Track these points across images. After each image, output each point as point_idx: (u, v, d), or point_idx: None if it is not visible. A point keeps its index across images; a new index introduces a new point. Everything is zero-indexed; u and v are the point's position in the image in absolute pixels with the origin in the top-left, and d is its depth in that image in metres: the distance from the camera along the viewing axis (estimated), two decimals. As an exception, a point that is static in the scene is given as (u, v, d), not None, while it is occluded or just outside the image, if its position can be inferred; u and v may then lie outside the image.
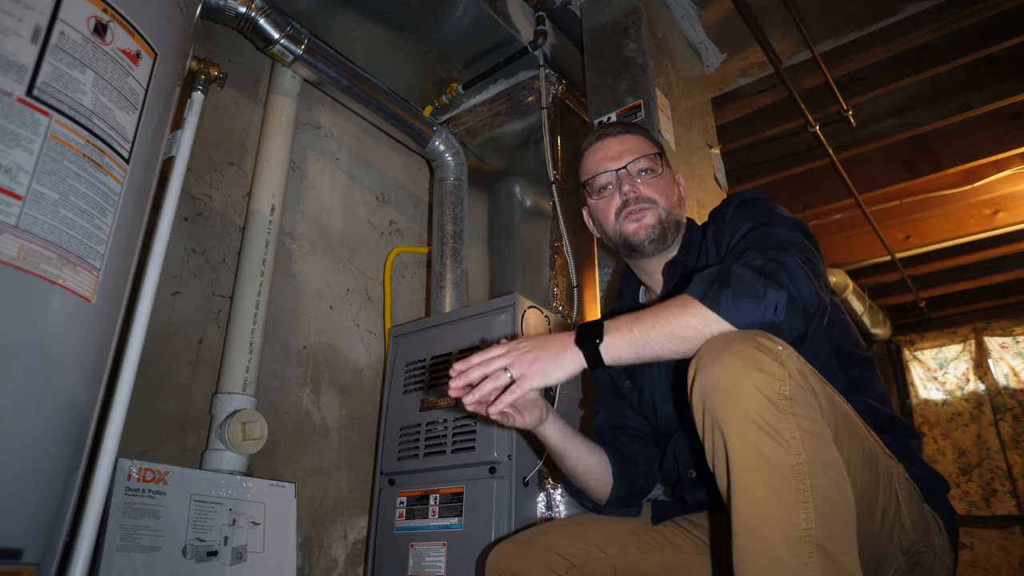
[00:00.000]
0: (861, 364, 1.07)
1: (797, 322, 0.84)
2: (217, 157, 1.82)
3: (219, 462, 1.53)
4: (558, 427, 1.09)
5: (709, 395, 0.77)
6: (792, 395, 0.74)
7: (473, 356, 0.94)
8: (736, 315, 0.83)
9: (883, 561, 0.89)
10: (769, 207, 1.06)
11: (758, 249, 0.93)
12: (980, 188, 3.47)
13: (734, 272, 0.86)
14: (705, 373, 0.78)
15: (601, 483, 1.13)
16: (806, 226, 1.02)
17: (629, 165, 1.18)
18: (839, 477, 0.74)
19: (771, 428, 0.72)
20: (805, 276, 0.85)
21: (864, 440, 0.87)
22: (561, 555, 1.07)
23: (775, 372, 0.75)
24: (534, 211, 2.49)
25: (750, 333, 0.80)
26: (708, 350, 0.80)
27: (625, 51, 2.02)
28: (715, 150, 2.23)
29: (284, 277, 1.92)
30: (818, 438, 0.74)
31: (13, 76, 0.83)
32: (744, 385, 0.74)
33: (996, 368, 4.90)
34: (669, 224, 1.17)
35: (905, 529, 0.89)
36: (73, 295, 0.87)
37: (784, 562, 0.69)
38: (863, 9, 2.23)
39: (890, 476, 0.90)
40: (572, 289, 1.92)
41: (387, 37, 2.03)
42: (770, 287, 0.84)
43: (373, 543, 1.65)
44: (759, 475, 0.72)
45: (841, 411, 0.84)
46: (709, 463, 0.79)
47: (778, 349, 0.77)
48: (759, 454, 0.72)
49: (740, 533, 0.73)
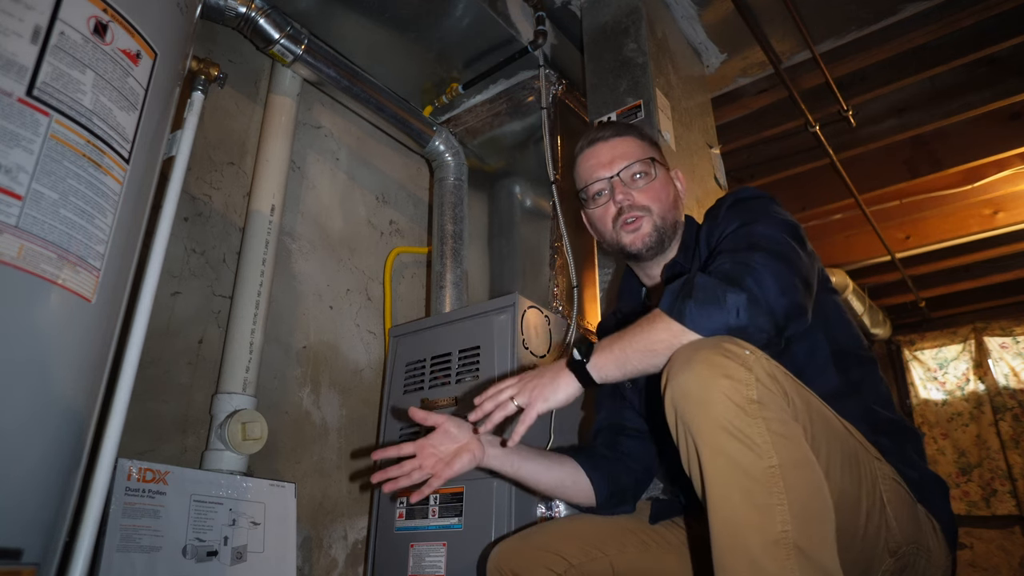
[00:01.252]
0: (862, 365, 1.06)
1: (762, 323, 0.84)
2: (217, 157, 1.82)
3: (219, 462, 1.53)
4: (504, 458, 1.09)
5: (680, 403, 0.78)
6: (760, 399, 0.75)
7: (487, 390, 1.01)
8: (702, 324, 0.85)
9: (870, 563, 0.89)
10: (761, 205, 1.06)
11: (730, 251, 0.94)
12: (980, 188, 3.48)
13: (696, 282, 0.88)
14: (675, 382, 0.79)
15: (579, 492, 1.14)
16: (795, 224, 1.02)
17: (622, 172, 1.17)
18: (814, 477, 0.74)
19: (741, 433, 0.73)
20: (771, 275, 0.86)
21: (844, 441, 0.86)
22: (560, 554, 1.07)
23: (741, 377, 0.75)
24: (534, 211, 2.49)
25: (716, 340, 0.82)
26: (677, 359, 0.81)
27: (625, 51, 2.02)
28: (715, 150, 2.23)
29: (284, 277, 1.92)
30: (790, 439, 0.74)
31: (13, 76, 0.83)
32: (712, 392, 0.75)
33: (996, 368, 4.91)
34: (665, 229, 1.17)
35: (892, 531, 0.89)
36: (73, 295, 0.87)
37: (762, 565, 0.70)
38: (863, 9, 2.23)
39: (874, 477, 0.89)
40: (572, 289, 1.92)
41: (387, 37, 2.03)
42: (729, 291, 0.85)
43: (373, 543, 1.65)
44: (732, 480, 0.73)
45: (817, 412, 0.84)
46: (685, 469, 0.80)
47: (745, 354, 0.78)
48: (731, 460, 0.73)
49: (717, 538, 0.74)
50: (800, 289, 0.89)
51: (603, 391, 1.30)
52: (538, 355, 1.65)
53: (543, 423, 1.55)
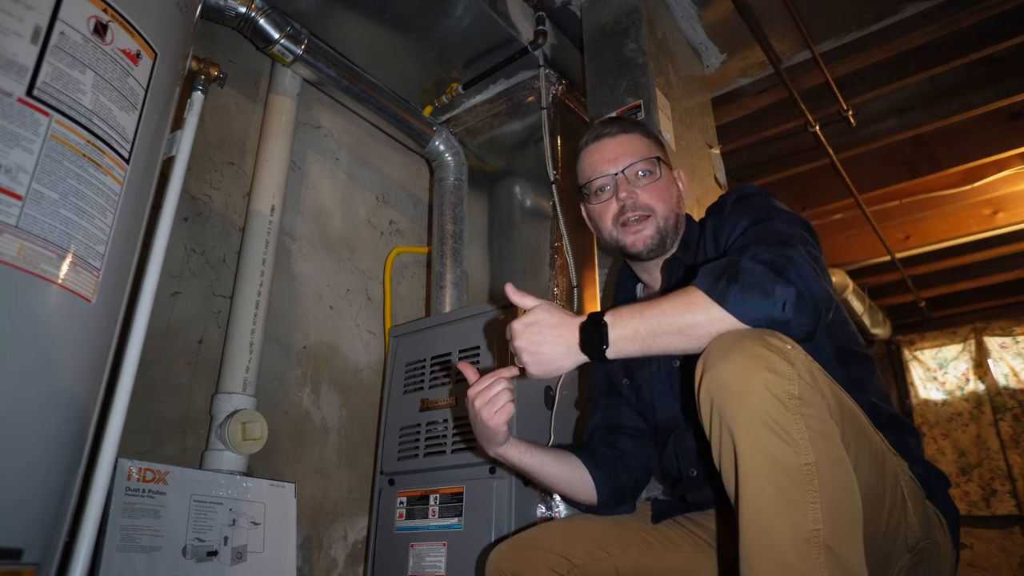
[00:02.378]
0: (861, 361, 1.06)
1: (805, 319, 0.82)
2: (217, 157, 1.82)
3: (219, 462, 1.53)
4: (512, 447, 1.09)
5: (717, 394, 0.76)
6: (801, 395, 0.74)
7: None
8: (744, 311, 0.82)
9: (888, 559, 0.89)
10: (767, 202, 1.05)
11: (763, 244, 0.91)
12: (980, 188, 3.48)
13: (743, 266, 0.84)
14: (713, 371, 0.77)
15: (581, 489, 1.14)
16: (807, 222, 1.01)
17: (627, 170, 1.14)
18: (847, 477, 0.73)
19: (780, 428, 0.72)
20: (813, 272, 0.84)
21: (871, 438, 0.86)
22: (562, 555, 1.07)
23: (784, 371, 0.74)
24: (534, 211, 2.49)
25: (759, 331, 0.80)
26: (716, 348, 0.79)
27: (625, 51, 2.02)
28: (715, 150, 2.23)
29: (284, 277, 1.92)
30: (826, 438, 0.73)
31: (13, 76, 0.83)
32: (753, 384, 0.73)
33: (996, 368, 4.91)
34: (668, 231, 1.15)
35: (911, 527, 0.89)
36: (73, 295, 0.87)
37: (790, 563, 0.69)
38: (863, 9, 2.22)
39: (896, 474, 0.89)
40: (572, 289, 1.92)
41: (387, 37, 2.03)
42: (779, 283, 0.82)
43: (373, 543, 1.65)
44: (767, 475, 0.72)
45: (848, 410, 0.83)
46: (716, 462, 0.78)
47: (787, 348, 0.76)
48: (768, 454, 0.72)
49: (747, 533, 0.73)
50: (828, 285, 0.88)
51: (598, 388, 1.29)
52: (538, 355, 1.65)
53: (543, 423, 1.55)
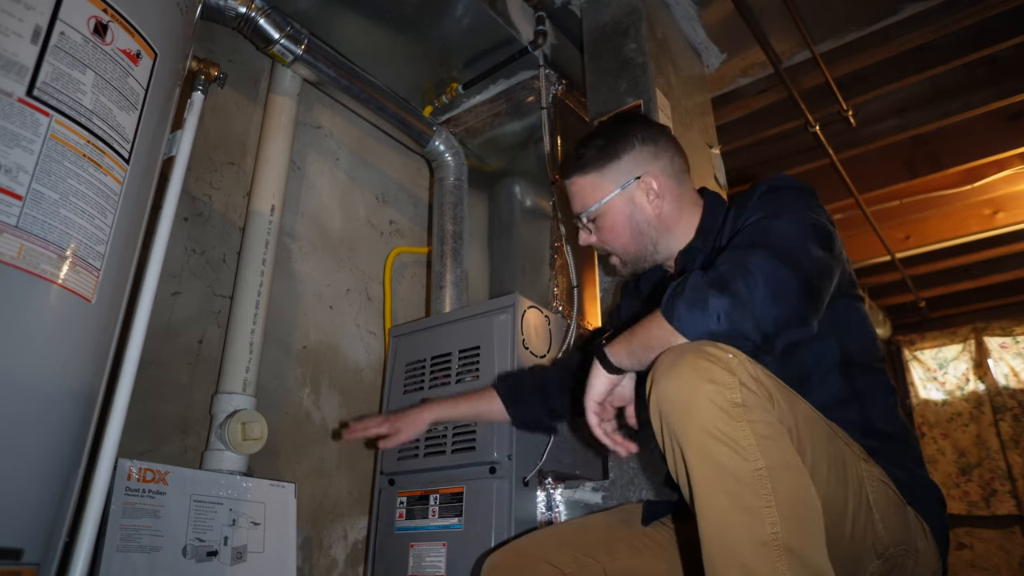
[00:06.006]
0: (869, 375, 1.04)
1: (746, 329, 0.82)
2: (217, 157, 1.82)
3: (219, 462, 1.52)
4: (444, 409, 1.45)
5: (664, 408, 0.78)
6: (744, 402, 0.74)
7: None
8: (688, 326, 0.84)
9: (857, 565, 0.88)
10: (790, 198, 1.01)
11: (736, 248, 0.91)
12: (980, 188, 3.48)
13: (689, 282, 0.87)
14: (659, 386, 0.79)
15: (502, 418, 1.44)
16: (819, 222, 0.96)
17: (583, 216, 1.22)
18: (802, 479, 0.74)
19: (727, 437, 0.73)
20: (765, 279, 0.82)
21: (829, 442, 0.85)
22: (552, 564, 1.08)
23: (725, 381, 0.75)
24: (534, 211, 2.49)
25: (700, 344, 0.81)
26: (662, 363, 0.81)
27: (625, 51, 2.02)
28: (715, 150, 2.23)
29: (284, 277, 1.92)
30: (776, 442, 0.74)
31: (13, 76, 0.83)
32: (696, 397, 0.75)
33: (996, 368, 4.91)
34: (634, 257, 1.21)
35: (878, 533, 0.88)
36: (73, 295, 0.87)
37: (753, 568, 0.69)
38: (863, 9, 2.22)
39: (860, 479, 0.88)
40: (572, 289, 1.92)
41: (387, 37, 2.03)
42: (712, 295, 0.83)
43: (373, 543, 1.65)
44: (719, 484, 0.73)
45: (802, 414, 0.83)
46: (672, 474, 0.80)
47: (728, 357, 0.77)
48: (717, 463, 0.73)
49: (708, 542, 0.74)
50: (800, 294, 0.84)
51: None
52: (538, 355, 1.65)
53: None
